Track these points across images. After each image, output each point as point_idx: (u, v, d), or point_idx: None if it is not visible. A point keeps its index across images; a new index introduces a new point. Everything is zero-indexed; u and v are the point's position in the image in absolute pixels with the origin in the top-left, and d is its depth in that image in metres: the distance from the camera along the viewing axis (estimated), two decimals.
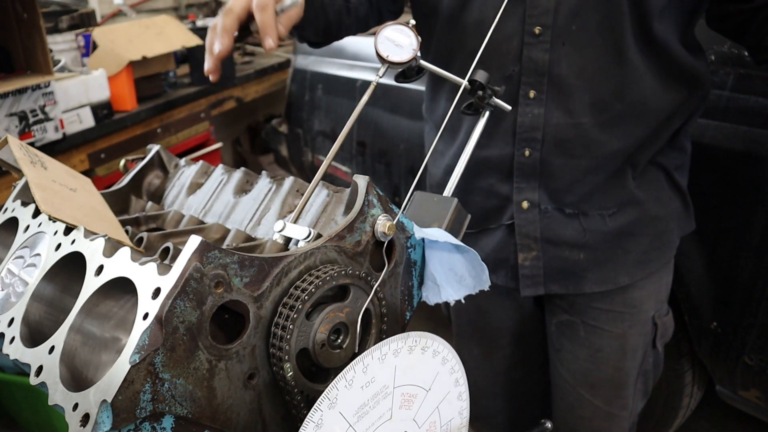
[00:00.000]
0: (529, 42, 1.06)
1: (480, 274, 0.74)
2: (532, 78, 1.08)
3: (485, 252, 1.25)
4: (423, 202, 0.82)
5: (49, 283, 0.67)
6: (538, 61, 1.07)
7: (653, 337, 1.30)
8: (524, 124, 1.11)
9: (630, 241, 1.19)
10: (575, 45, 1.05)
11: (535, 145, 1.11)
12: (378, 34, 0.81)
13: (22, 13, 1.94)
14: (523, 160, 1.13)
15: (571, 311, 1.29)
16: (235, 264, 0.57)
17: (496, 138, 1.15)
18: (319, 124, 2.89)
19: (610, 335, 1.27)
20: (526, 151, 1.13)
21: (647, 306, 1.27)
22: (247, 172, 0.90)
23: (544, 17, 1.04)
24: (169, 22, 2.70)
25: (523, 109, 1.10)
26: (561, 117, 1.09)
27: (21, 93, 1.92)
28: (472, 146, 0.91)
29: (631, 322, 1.26)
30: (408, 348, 0.64)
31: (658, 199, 1.19)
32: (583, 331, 1.29)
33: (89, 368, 0.60)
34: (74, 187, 0.81)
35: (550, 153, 1.12)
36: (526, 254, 1.20)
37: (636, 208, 1.17)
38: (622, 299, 1.25)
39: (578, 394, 1.34)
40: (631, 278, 1.22)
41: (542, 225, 1.18)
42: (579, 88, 1.07)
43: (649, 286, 1.26)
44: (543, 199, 1.16)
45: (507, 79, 1.10)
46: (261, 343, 0.60)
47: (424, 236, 0.74)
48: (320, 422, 0.58)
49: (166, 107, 2.60)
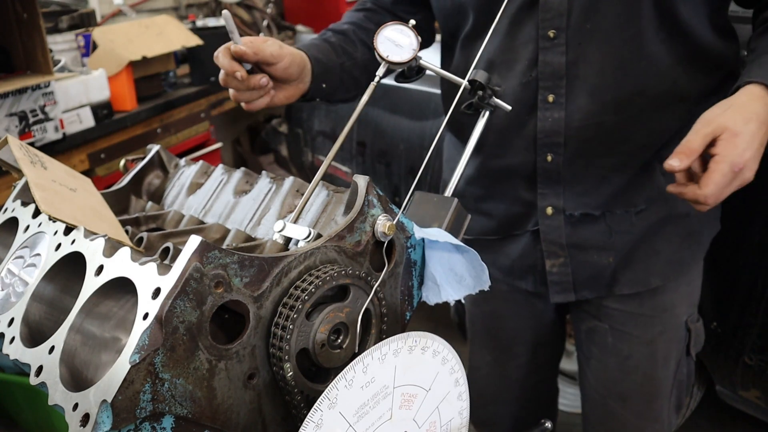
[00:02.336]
0: (544, 46, 1.05)
1: (480, 274, 0.74)
2: (550, 82, 1.06)
3: (512, 258, 1.24)
4: (423, 202, 0.82)
5: (49, 283, 0.67)
6: (555, 64, 1.05)
7: (687, 343, 1.25)
8: (545, 129, 1.09)
9: (660, 240, 1.15)
10: (592, 44, 1.03)
11: (557, 150, 1.09)
12: (378, 34, 0.81)
13: (22, 13, 1.94)
14: (546, 165, 1.11)
15: (598, 316, 1.24)
16: (235, 264, 0.57)
17: (517, 145, 1.13)
18: (319, 124, 2.89)
19: (639, 341, 1.22)
20: (548, 156, 1.10)
21: (679, 310, 1.22)
22: (247, 172, 0.90)
23: (557, 20, 1.03)
24: (169, 22, 2.70)
25: (542, 114, 1.08)
26: (582, 118, 1.06)
27: (21, 93, 1.92)
28: (473, 146, 0.91)
29: (662, 327, 1.22)
30: (408, 348, 0.64)
31: None
32: (611, 337, 1.24)
33: (89, 368, 0.60)
34: (74, 187, 0.81)
35: (573, 156, 1.09)
36: (553, 261, 1.18)
37: (665, 205, 1.13)
38: (652, 302, 1.20)
39: (608, 406, 1.29)
40: (662, 279, 1.18)
41: (568, 231, 1.15)
42: (599, 87, 1.05)
43: (681, 289, 1.21)
44: (568, 205, 1.14)
45: (525, 85, 1.08)
46: (261, 343, 0.60)
47: (424, 236, 0.74)
48: (320, 422, 0.58)
49: (166, 107, 2.59)
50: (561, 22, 1.02)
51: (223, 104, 3.00)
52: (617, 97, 1.05)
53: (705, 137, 0.89)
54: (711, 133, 0.89)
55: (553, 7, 1.02)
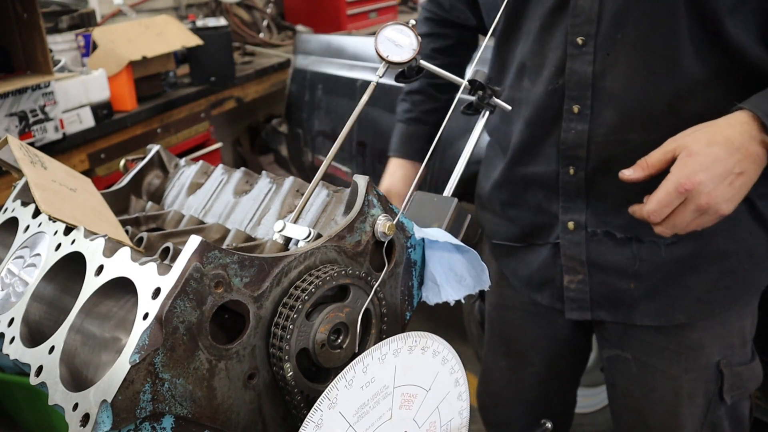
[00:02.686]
0: (572, 53, 1.00)
1: (480, 274, 0.74)
2: (576, 92, 1.02)
3: (531, 269, 1.21)
4: (423, 202, 0.83)
5: (49, 283, 0.67)
6: (582, 73, 1.00)
7: (719, 386, 1.13)
8: (567, 140, 1.05)
9: (690, 276, 1.07)
10: (622, 55, 0.97)
11: (580, 164, 1.05)
12: (378, 34, 0.81)
13: (22, 13, 1.94)
14: (568, 178, 1.07)
15: (622, 345, 1.18)
16: (235, 264, 0.57)
17: (542, 154, 1.10)
18: (319, 124, 2.89)
19: (664, 375, 1.14)
20: (570, 169, 1.06)
21: (710, 350, 1.11)
22: (247, 172, 0.90)
23: (587, 26, 0.98)
24: (169, 22, 2.70)
25: (566, 125, 1.04)
26: (606, 133, 1.01)
27: (21, 93, 1.92)
28: (472, 146, 0.91)
29: (687, 365, 1.12)
30: (408, 348, 0.64)
31: (729, 232, 1.03)
32: (635, 367, 1.17)
33: (89, 368, 0.60)
34: (74, 187, 0.81)
35: (596, 172, 1.04)
36: (571, 277, 1.13)
37: (699, 240, 1.03)
38: (678, 338, 1.12)
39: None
40: (688, 317, 1.09)
41: (589, 248, 1.10)
42: (626, 101, 0.99)
43: (713, 329, 1.11)
44: (591, 221, 1.08)
45: (552, 92, 1.05)
46: (261, 343, 0.60)
47: (424, 236, 0.74)
48: (320, 422, 0.58)
49: (166, 107, 2.59)
50: (591, 28, 0.98)
51: (223, 104, 3.00)
52: (646, 114, 0.99)
53: (665, 153, 0.88)
54: (671, 150, 0.87)
55: (583, 11, 0.98)
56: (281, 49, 3.59)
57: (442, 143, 2.09)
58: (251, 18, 3.77)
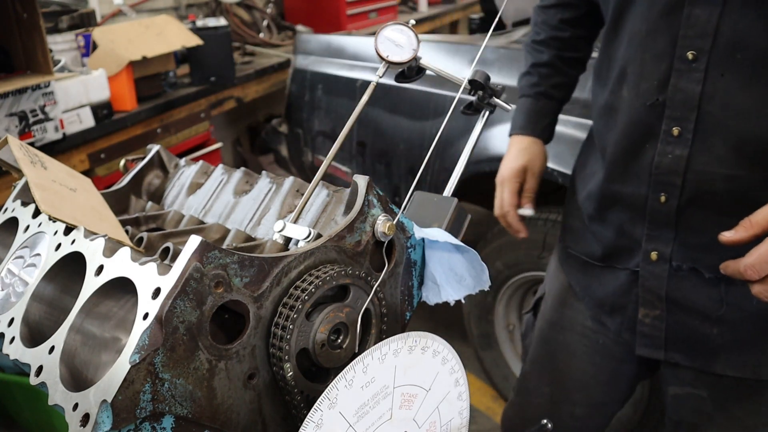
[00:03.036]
0: (679, 68, 0.90)
1: (480, 274, 0.74)
2: (678, 112, 0.91)
3: (606, 292, 1.12)
4: (423, 202, 0.83)
5: (49, 283, 0.67)
6: (688, 92, 0.90)
7: None
8: (662, 165, 0.94)
9: None
10: (738, 78, 0.86)
11: (673, 192, 0.95)
12: (378, 34, 0.81)
13: (22, 13, 1.94)
14: (657, 206, 0.97)
15: (696, 384, 1.07)
16: (235, 264, 0.57)
17: (632, 174, 1.00)
18: (319, 124, 2.89)
19: (740, 424, 1.05)
20: (661, 196, 0.96)
21: None
22: (247, 172, 0.90)
23: (701, 40, 0.87)
24: (169, 22, 2.70)
25: (663, 148, 0.94)
26: (709, 164, 0.91)
27: (21, 93, 1.92)
28: (472, 146, 0.91)
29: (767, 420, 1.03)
30: (408, 348, 0.64)
31: None
32: (711, 407, 1.07)
33: (89, 368, 0.60)
34: (74, 187, 0.81)
35: (691, 203, 0.94)
36: (647, 310, 1.04)
37: None
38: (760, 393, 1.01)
39: None
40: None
41: (671, 283, 1.00)
42: (737, 132, 0.87)
43: None
44: (677, 255, 0.98)
45: (651, 108, 0.94)
46: (261, 343, 0.60)
47: (424, 236, 0.74)
48: (320, 422, 0.58)
49: (166, 107, 2.59)
50: (705, 43, 0.87)
51: (223, 104, 3.00)
52: (760, 149, 0.87)
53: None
54: None
55: (698, 22, 0.87)
56: (281, 49, 3.59)
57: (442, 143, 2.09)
58: (251, 18, 3.77)
